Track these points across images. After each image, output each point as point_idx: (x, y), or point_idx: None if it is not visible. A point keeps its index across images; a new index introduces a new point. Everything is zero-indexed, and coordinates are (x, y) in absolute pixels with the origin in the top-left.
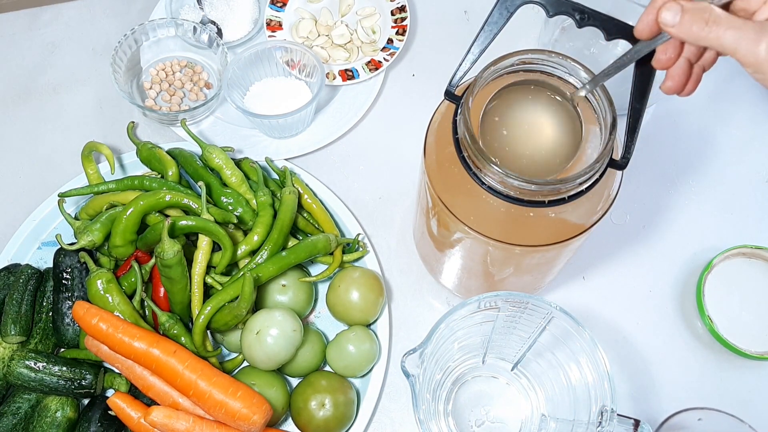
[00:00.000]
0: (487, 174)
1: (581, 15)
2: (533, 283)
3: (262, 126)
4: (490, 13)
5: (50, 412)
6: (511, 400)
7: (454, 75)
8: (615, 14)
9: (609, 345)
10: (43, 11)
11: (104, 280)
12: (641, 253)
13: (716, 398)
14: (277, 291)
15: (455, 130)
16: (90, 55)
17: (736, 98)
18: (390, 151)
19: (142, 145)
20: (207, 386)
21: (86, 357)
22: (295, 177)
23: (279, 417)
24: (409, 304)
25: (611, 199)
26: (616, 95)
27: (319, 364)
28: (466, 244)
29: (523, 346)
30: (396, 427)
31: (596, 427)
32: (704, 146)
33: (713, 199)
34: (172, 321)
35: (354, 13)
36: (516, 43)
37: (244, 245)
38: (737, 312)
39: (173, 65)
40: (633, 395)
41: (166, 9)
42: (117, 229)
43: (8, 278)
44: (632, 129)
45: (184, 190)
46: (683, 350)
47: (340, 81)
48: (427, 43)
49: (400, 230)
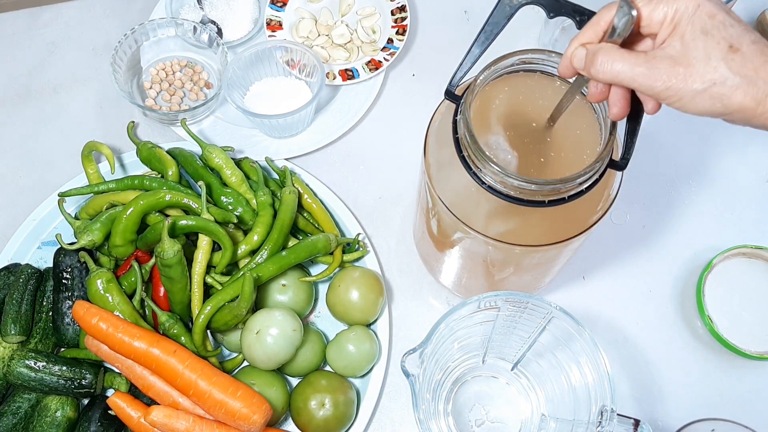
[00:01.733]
0: (487, 174)
1: (581, 16)
2: (533, 283)
3: (262, 126)
4: (491, 14)
5: (50, 412)
6: (511, 400)
7: (454, 75)
8: None
9: (609, 345)
10: (43, 11)
11: (104, 279)
12: (641, 253)
13: (716, 398)
14: (277, 291)
15: (455, 130)
16: (90, 55)
17: None
18: (390, 151)
19: (142, 144)
20: (207, 386)
21: (86, 357)
22: (295, 177)
23: (279, 417)
24: (409, 304)
25: (611, 199)
26: None
27: (319, 363)
28: (466, 244)
29: (523, 346)
30: (396, 427)
31: (596, 426)
32: (704, 146)
33: (713, 199)
34: (172, 321)
35: (354, 13)
36: (516, 43)
37: (244, 245)
38: (737, 312)
39: (173, 65)
40: (633, 395)
41: (166, 9)
42: (117, 228)
43: (8, 278)
44: (632, 129)
45: (184, 190)
46: (683, 350)
47: (340, 81)
48: (427, 43)
49: (400, 230)
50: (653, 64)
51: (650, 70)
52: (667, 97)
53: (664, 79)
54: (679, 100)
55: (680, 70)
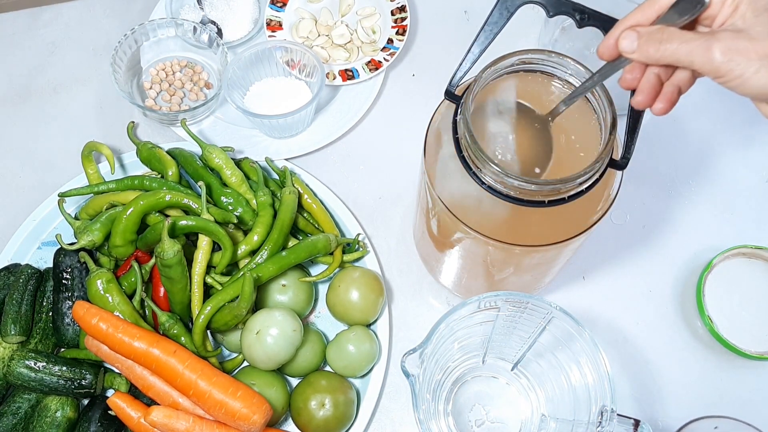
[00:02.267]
0: (487, 174)
1: (581, 15)
2: (533, 283)
3: (262, 126)
4: (490, 13)
5: (50, 412)
6: (511, 400)
7: (454, 75)
8: (615, 14)
9: (609, 345)
10: (43, 11)
11: (104, 280)
12: (641, 253)
13: (716, 398)
14: (277, 291)
15: (455, 130)
16: (90, 55)
17: (736, 98)
18: (390, 151)
19: (142, 145)
20: (207, 386)
21: (86, 357)
22: (295, 177)
23: (279, 417)
24: (409, 304)
25: (611, 199)
26: (616, 95)
27: (319, 364)
28: (466, 244)
29: (523, 346)
30: (396, 427)
31: (596, 427)
32: (704, 146)
33: (713, 199)
34: (172, 321)
35: (354, 13)
36: (516, 43)
37: (244, 245)
38: (737, 312)
39: (173, 65)
40: (633, 395)
41: (166, 9)
42: (117, 229)
43: (8, 278)
44: (632, 129)
45: (184, 190)
46: (683, 350)
47: (340, 81)
48: (427, 43)
49: (400, 230)
50: (715, 38)
51: (710, 43)
52: (726, 72)
53: (725, 52)
54: (740, 76)
55: (742, 44)
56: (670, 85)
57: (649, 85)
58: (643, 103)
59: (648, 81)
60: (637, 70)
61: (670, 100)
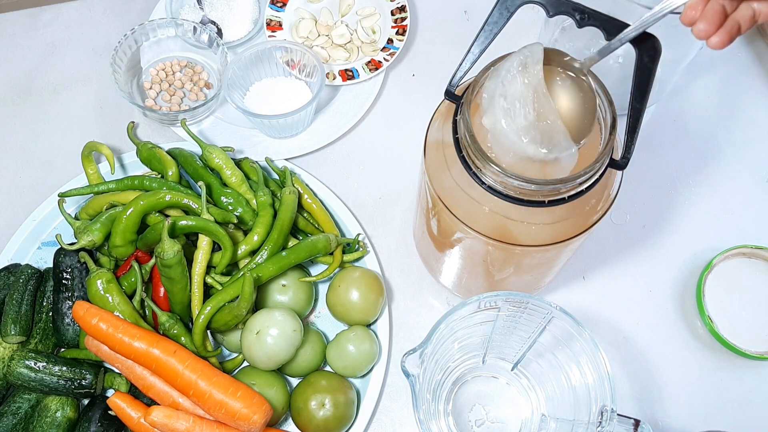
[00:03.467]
0: (487, 174)
1: (581, 15)
2: (533, 283)
3: (262, 126)
4: (490, 13)
5: (50, 412)
6: (511, 400)
7: (454, 75)
8: (615, 14)
9: (609, 345)
10: (43, 11)
11: (104, 280)
12: (641, 253)
13: (716, 398)
14: (277, 291)
15: (455, 130)
16: (90, 55)
17: (736, 98)
18: (390, 151)
19: (142, 145)
20: (207, 386)
21: (86, 357)
22: (295, 177)
23: (279, 417)
24: (409, 304)
25: (611, 199)
26: (616, 95)
27: (319, 364)
28: (466, 244)
29: (523, 346)
30: (396, 427)
31: (596, 427)
32: (704, 146)
33: (713, 199)
34: (172, 321)
35: (354, 13)
36: (516, 43)
37: (244, 245)
38: (737, 312)
39: (173, 65)
40: (633, 395)
41: (166, 9)
42: (117, 229)
43: (8, 278)
44: (632, 129)
45: (184, 190)
46: (683, 350)
47: (340, 81)
48: (427, 43)
49: (400, 230)
50: None
51: None
52: None
53: None
54: None
55: None
56: (732, 19)
57: (713, 12)
58: (704, 31)
59: (713, 8)
60: (701, 3)
61: (730, 34)
